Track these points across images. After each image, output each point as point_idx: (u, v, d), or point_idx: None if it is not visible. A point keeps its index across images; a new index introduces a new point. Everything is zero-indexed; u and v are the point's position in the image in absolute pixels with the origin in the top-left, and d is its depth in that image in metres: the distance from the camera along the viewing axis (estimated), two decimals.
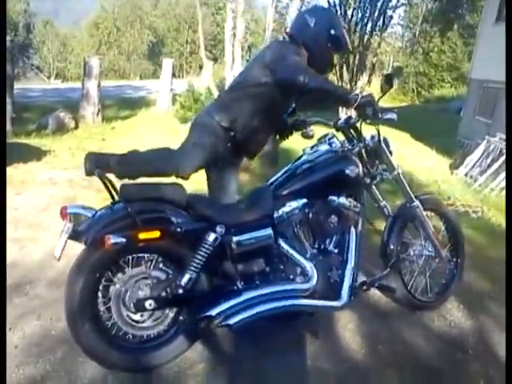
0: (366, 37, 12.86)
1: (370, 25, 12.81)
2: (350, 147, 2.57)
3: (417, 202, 2.80)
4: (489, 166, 6.76)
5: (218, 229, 2.21)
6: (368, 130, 2.62)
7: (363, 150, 2.61)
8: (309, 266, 2.40)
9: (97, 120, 9.84)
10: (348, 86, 12.50)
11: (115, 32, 31.95)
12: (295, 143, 3.81)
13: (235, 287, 2.31)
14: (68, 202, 3.72)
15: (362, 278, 2.62)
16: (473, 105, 11.35)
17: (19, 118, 8.89)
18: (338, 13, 12.43)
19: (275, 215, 2.36)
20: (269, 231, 2.33)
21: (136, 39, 32.32)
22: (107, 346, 2.13)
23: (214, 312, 2.19)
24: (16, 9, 28.71)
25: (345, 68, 12.84)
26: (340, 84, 12.56)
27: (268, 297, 2.30)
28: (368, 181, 2.64)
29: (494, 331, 2.76)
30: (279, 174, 2.55)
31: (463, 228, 3.20)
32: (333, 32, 2.56)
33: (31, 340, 2.37)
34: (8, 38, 8.22)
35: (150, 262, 2.23)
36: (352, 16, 12.73)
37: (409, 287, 2.90)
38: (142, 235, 2.10)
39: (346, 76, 12.83)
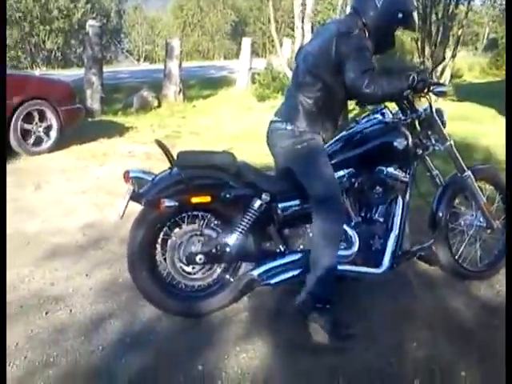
0: (451, 7, 12.10)
1: None
2: (402, 118, 2.60)
3: (468, 173, 2.79)
4: None
5: (264, 196, 2.37)
6: (436, 103, 2.64)
7: (416, 121, 2.63)
8: (351, 233, 2.50)
9: (179, 98, 10.26)
10: (429, 62, 11.94)
11: (199, 13, 32.60)
12: None
13: (278, 250, 2.48)
14: None
15: (406, 247, 2.66)
16: None
17: (108, 98, 9.55)
18: None
19: None
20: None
21: (219, 19, 32.76)
22: (162, 292, 2.41)
23: (256, 272, 2.41)
24: None
25: (426, 42, 12.21)
26: (421, 60, 12.07)
27: (308, 261, 2.43)
28: (420, 151, 2.65)
29: None
30: (331, 143, 2.61)
31: None
32: (400, 16, 2.39)
33: (102, 285, 2.76)
34: (98, 23, 8.85)
35: (202, 221, 2.43)
36: None
37: (457, 257, 2.91)
38: (194, 199, 2.32)
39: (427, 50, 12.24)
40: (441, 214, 2.82)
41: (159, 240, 2.45)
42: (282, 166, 2.55)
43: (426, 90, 2.48)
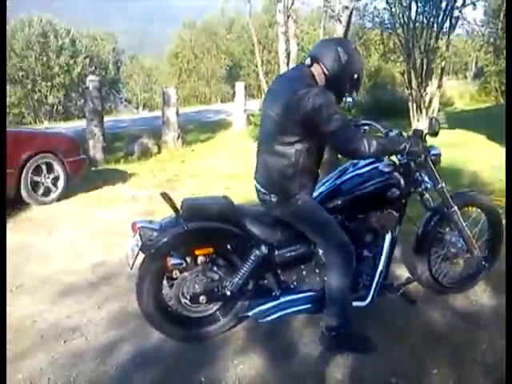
0: (432, 41, 12.66)
1: (435, 28, 12.64)
2: (397, 161, 2.74)
3: (455, 208, 2.91)
4: None
5: (263, 249, 2.58)
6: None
7: (411, 163, 2.74)
8: None
9: (177, 144, 10.63)
10: (417, 93, 12.41)
11: (193, 59, 33.61)
12: None
13: (274, 292, 2.69)
14: (147, 215, 4.42)
15: (390, 281, 2.88)
16: None
17: (110, 147, 9.98)
18: (400, 19, 12.43)
19: None
20: (309, 244, 2.64)
21: (214, 64, 33.70)
22: (166, 320, 2.66)
23: (251, 312, 2.65)
24: (106, 49, 31.32)
25: (413, 74, 12.70)
26: (409, 91, 12.53)
27: (301, 300, 2.69)
28: (412, 189, 2.81)
29: None
30: (324, 188, 2.77)
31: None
32: (355, 77, 2.49)
33: (113, 315, 3.07)
34: (97, 78, 9.37)
35: (205, 264, 2.61)
36: (415, 21, 12.58)
37: (434, 273, 3.11)
38: (198, 251, 2.55)
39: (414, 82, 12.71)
40: (426, 238, 3.03)
41: (164, 281, 2.66)
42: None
43: (421, 158, 2.65)
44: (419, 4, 12.50)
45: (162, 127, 10.63)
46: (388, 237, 2.77)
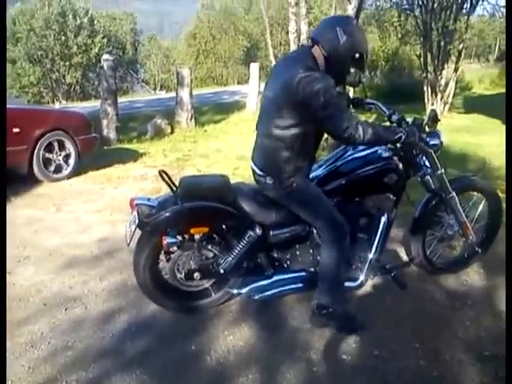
0: (450, 22, 12.36)
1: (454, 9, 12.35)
2: (397, 146, 2.68)
3: (453, 194, 2.93)
4: None
5: (257, 230, 2.62)
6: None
7: (410, 147, 2.67)
8: None
9: (190, 124, 10.71)
10: (432, 76, 12.21)
11: (211, 40, 33.54)
12: None
13: (267, 271, 2.74)
14: (155, 193, 4.49)
15: (382, 263, 2.86)
16: None
17: (124, 127, 10.10)
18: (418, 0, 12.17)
19: None
20: (304, 225, 2.67)
21: (231, 46, 33.59)
22: (162, 293, 2.78)
23: (244, 290, 2.72)
24: (124, 29, 31.38)
25: (429, 57, 12.48)
26: (425, 75, 12.34)
27: (294, 279, 2.76)
28: (412, 173, 2.82)
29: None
30: (322, 170, 2.78)
31: None
32: (357, 56, 2.45)
33: (114, 287, 3.20)
34: (112, 57, 9.45)
35: (200, 242, 2.65)
36: (433, 2, 12.30)
37: (429, 256, 3.17)
38: (193, 230, 2.59)
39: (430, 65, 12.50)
40: (422, 219, 3.06)
41: (163, 252, 2.73)
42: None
43: (417, 150, 2.67)
44: None
45: (176, 108, 10.70)
46: (383, 219, 2.79)
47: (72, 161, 6.01)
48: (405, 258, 3.24)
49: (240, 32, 33.86)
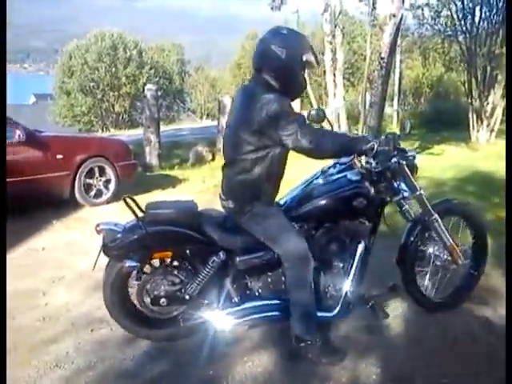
0: (496, 47, 12.08)
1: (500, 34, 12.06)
2: (371, 168, 2.60)
3: (435, 216, 2.82)
4: None
5: (221, 255, 2.57)
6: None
7: (386, 171, 2.62)
8: None
9: None
10: (478, 103, 11.92)
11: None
12: None
13: (234, 299, 2.66)
14: None
15: (360, 293, 2.74)
16: None
17: (168, 154, 10.35)
18: (462, 26, 12.00)
19: None
20: (271, 251, 2.56)
21: None
22: (132, 321, 2.75)
23: (210, 317, 2.64)
24: (171, 60, 32.44)
25: (474, 83, 12.21)
26: (470, 100, 12.08)
27: (267, 307, 2.68)
28: (388, 198, 2.71)
29: None
30: (292, 195, 2.73)
31: None
32: (304, 58, 2.44)
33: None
34: (154, 87, 9.76)
35: (165, 268, 2.67)
36: (478, 28, 12.11)
37: (423, 289, 3.03)
38: (156, 255, 2.62)
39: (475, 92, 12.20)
40: (408, 251, 2.92)
41: (130, 279, 2.70)
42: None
43: (395, 165, 2.58)
44: (484, 9, 12.01)
45: (217, 135, 10.89)
46: (360, 246, 2.69)
47: (112, 186, 6.21)
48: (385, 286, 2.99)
49: None
